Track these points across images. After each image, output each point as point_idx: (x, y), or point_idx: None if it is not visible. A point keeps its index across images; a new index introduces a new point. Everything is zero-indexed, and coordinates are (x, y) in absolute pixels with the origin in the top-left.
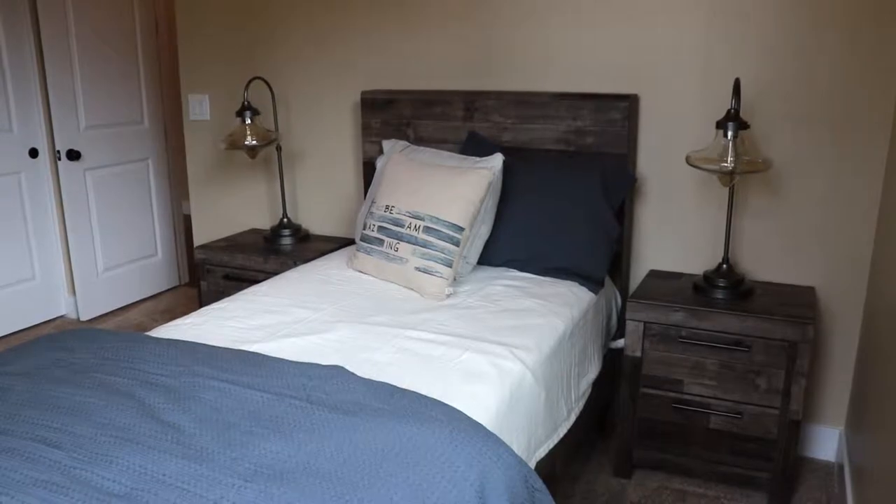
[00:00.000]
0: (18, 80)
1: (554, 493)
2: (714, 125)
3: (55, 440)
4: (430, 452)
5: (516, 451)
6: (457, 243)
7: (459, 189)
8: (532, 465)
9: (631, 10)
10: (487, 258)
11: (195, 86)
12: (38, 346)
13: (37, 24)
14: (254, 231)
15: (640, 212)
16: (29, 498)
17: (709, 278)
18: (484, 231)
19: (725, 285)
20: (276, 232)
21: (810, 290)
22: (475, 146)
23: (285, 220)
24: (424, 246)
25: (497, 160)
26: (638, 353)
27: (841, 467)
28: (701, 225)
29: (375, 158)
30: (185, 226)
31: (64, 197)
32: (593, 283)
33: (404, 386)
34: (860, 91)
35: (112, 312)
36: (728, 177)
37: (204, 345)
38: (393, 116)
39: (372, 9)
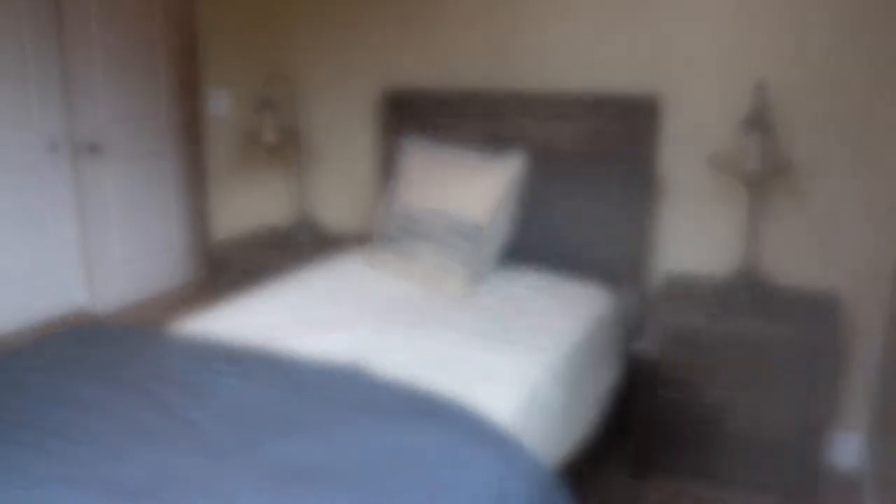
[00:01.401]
0: (40, 74)
1: (571, 496)
2: (737, 126)
3: (73, 435)
4: (448, 455)
5: (535, 453)
6: (476, 242)
7: (480, 188)
8: (550, 467)
9: (653, 11)
10: (507, 258)
11: (216, 81)
12: (55, 341)
13: (59, 19)
14: (272, 227)
15: (662, 213)
16: (47, 492)
17: (730, 281)
18: (504, 231)
19: (747, 288)
20: (294, 228)
21: (833, 295)
22: (496, 145)
23: (304, 216)
24: (444, 245)
25: (518, 160)
26: (657, 356)
27: (863, 474)
28: (722, 227)
29: (395, 156)
30: (202, 221)
31: (83, 190)
32: (613, 285)
33: (423, 386)
34: (885, 93)
35: (129, 306)
36: (751, 179)
37: (221, 341)
38: (413, 115)
39: (394, 7)
